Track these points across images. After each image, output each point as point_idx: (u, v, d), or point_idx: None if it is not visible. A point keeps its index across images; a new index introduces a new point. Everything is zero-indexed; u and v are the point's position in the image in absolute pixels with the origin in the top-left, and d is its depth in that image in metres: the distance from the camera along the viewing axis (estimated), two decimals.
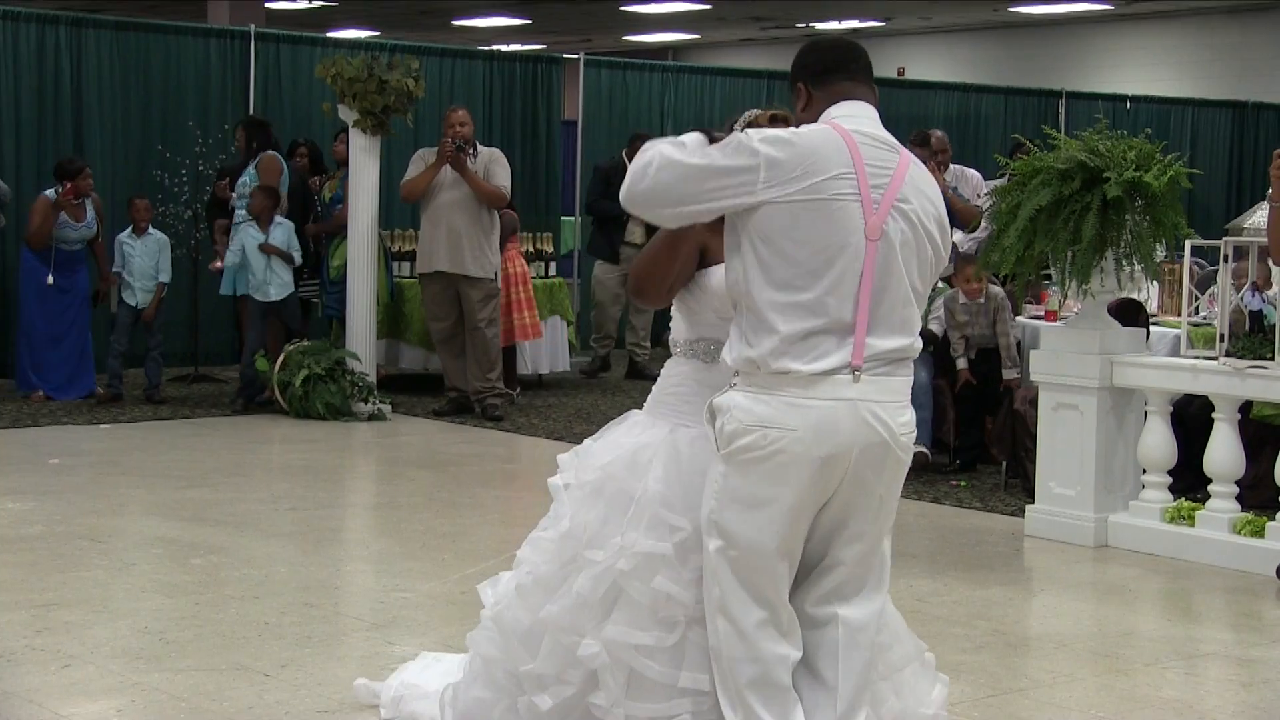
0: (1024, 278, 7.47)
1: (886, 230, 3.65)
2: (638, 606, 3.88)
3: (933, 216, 3.78)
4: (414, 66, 10.96)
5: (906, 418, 3.74)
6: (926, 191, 3.77)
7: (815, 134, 3.67)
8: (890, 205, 3.66)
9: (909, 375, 3.76)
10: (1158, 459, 7.30)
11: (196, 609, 5.94)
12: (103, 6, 19.53)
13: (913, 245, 3.71)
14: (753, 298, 3.63)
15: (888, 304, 3.67)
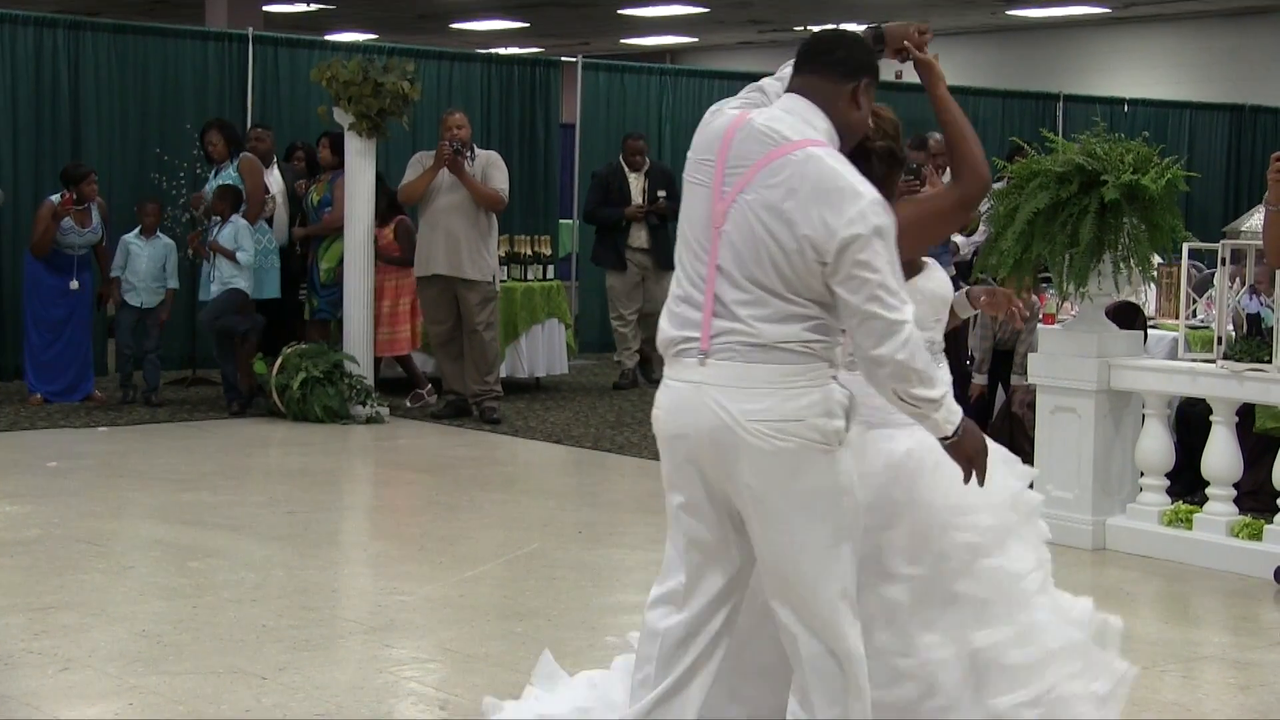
0: (1021, 281, 7.47)
1: (730, 219, 3.71)
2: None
3: (783, 213, 3.65)
4: (409, 69, 10.96)
5: (757, 406, 3.67)
6: (790, 185, 3.65)
7: (720, 119, 3.83)
8: (736, 196, 3.71)
9: (774, 364, 3.68)
10: (1155, 462, 7.30)
11: (194, 612, 5.93)
12: (101, 9, 19.55)
13: (754, 239, 3.68)
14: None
15: (741, 293, 3.70)
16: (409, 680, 5.19)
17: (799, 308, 3.69)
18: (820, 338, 3.71)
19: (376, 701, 4.97)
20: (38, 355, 11.08)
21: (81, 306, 11.15)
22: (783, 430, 3.68)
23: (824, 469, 3.71)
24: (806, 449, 3.68)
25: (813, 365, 3.70)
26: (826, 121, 3.80)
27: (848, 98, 3.85)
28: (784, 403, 3.67)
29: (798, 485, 3.70)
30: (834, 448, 3.71)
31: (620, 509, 8.11)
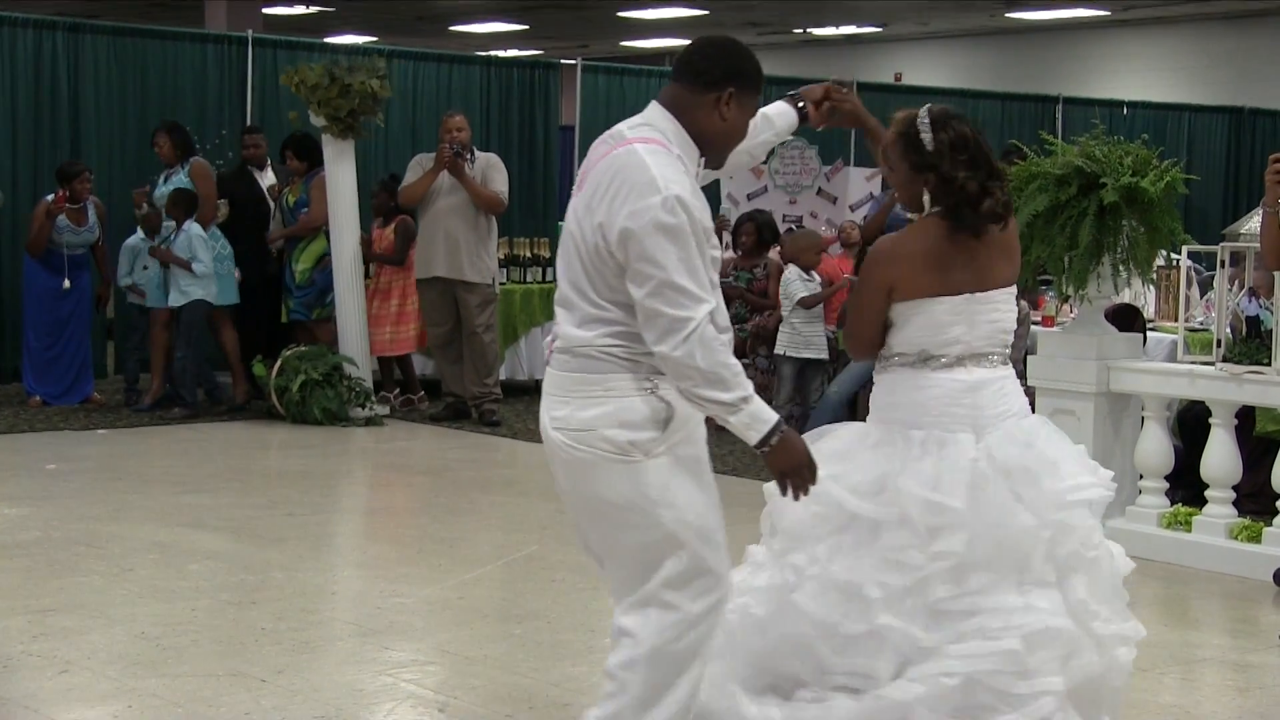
0: (1021, 283, 7.46)
1: (567, 219, 3.78)
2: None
3: (590, 207, 3.65)
4: (379, 67, 10.93)
5: (560, 412, 3.71)
6: (608, 184, 3.64)
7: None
8: (575, 194, 3.77)
9: (579, 371, 3.69)
10: (1155, 464, 7.30)
11: (193, 614, 5.93)
12: (100, 12, 19.54)
13: (572, 239, 3.72)
14: None
15: (568, 295, 3.74)
16: (408, 683, 5.19)
17: (602, 311, 3.68)
18: (621, 344, 3.67)
19: (375, 704, 4.96)
20: (36, 357, 11.08)
21: (81, 308, 11.14)
22: (577, 440, 3.70)
23: (619, 480, 3.68)
24: (602, 460, 3.68)
25: (613, 375, 3.67)
26: (677, 128, 3.74)
27: (708, 107, 3.74)
28: (577, 411, 3.69)
29: (597, 495, 3.72)
30: (634, 460, 3.67)
31: None
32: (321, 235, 11.13)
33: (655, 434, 3.68)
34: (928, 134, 4.17)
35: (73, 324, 11.07)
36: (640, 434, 3.67)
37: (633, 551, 3.74)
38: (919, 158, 4.18)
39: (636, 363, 3.68)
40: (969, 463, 4.11)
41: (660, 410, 3.69)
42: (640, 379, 3.68)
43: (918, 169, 4.20)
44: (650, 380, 3.69)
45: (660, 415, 3.68)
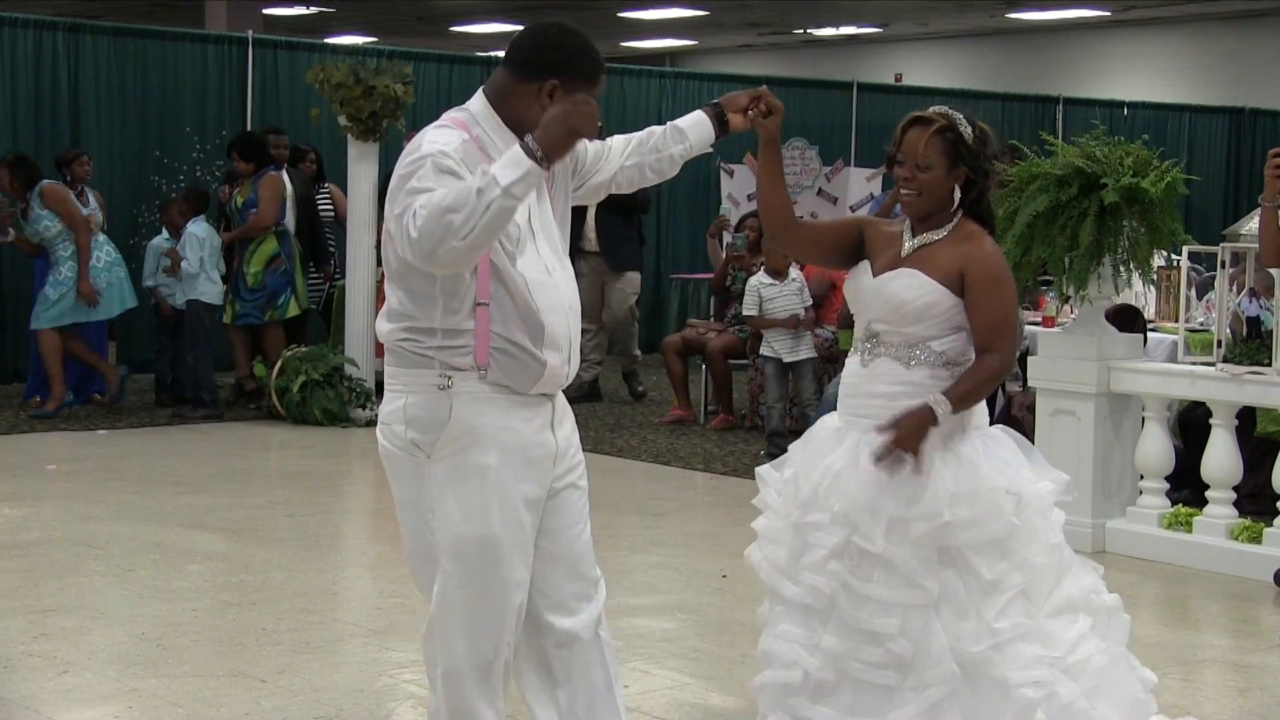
0: (1021, 284, 7.47)
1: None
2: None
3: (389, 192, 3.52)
4: (405, 72, 10.94)
5: (388, 407, 3.67)
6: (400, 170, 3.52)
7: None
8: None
9: (392, 364, 3.65)
10: (1155, 465, 7.30)
11: (194, 615, 5.93)
12: (100, 12, 19.53)
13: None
14: None
15: (387, 287, 3.69)
16: (409, 683, 5.18)
17: (399, 304, 3.61)
18: (411, 338, 3.59)
19: (376, 704, 4.96)
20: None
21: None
22: (380, 432, 3.72)
23: (408, 478, 3.69)
24: (394, 454, 3.69)
25: (409, 369, 3.60)
26: (491, 114, 3.60)
27: (529, 98, 3.56)
28: (385, 404, 3.69)
29: (393, 488, 3.76)
30: (418, 459, 3.61)
31: (619, 512, 8.10)
32: (271, 236, 10.94)
33: (435, 435, 3.58)
34: (967, 129, 4.16)
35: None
36: (423, 433, 3.59)
37: (419, 555, 3.74)
38: (961, 149, 4.14)
39: (428, 358, 3.58)
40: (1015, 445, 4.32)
41: (442, 410, 3.56)
42: (434, 375, 3.58)
43: (957, 161, 4.15)
44: (445, 377, 3.57)
45: (442, 416, 3.57)
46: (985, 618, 4.00)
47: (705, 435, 10.56)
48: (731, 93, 3.99)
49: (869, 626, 4.01)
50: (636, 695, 5.04)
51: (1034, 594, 4.07)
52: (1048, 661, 4.01)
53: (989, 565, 4.03)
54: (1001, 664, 3.98)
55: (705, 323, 11.42)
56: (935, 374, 4.14)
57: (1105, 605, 4.20)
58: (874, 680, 4.03)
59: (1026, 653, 4.00)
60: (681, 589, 6.53)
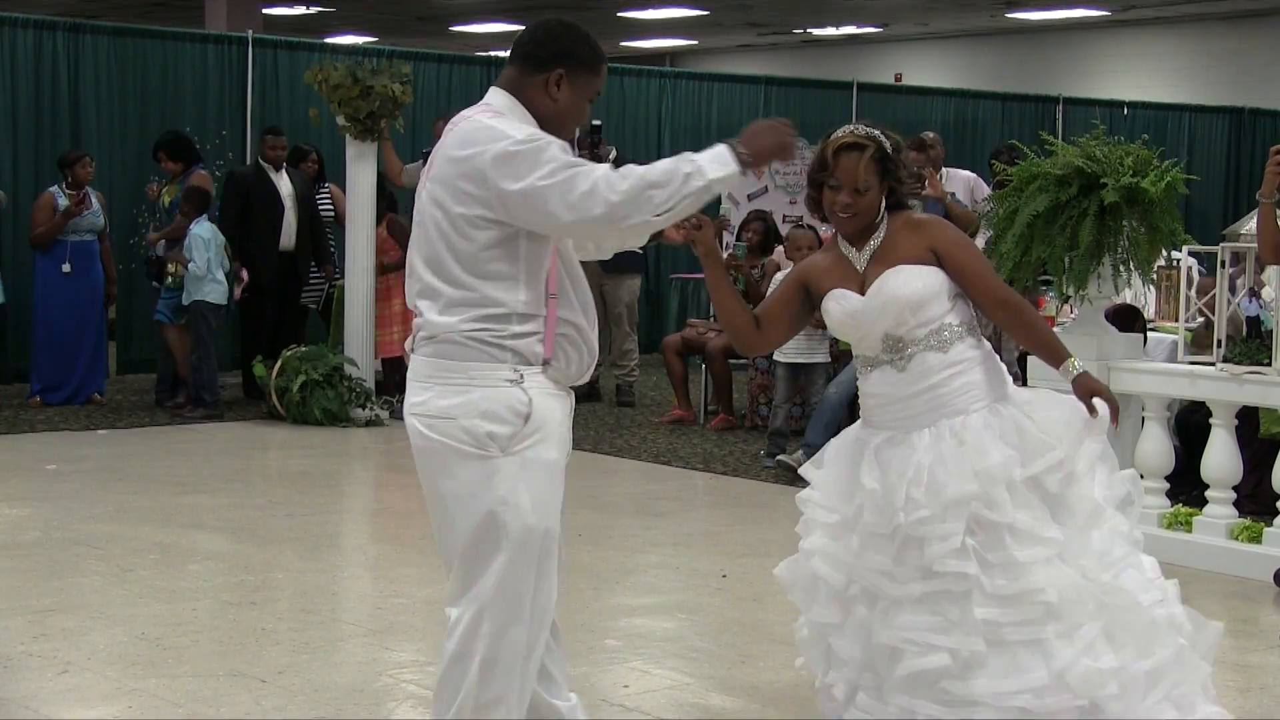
0: (1021, 283, 7.47)
1: (418, 206, 3.76)
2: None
3: (445, 179, 3.65)
4: (404, 72, 10.93)
5: (419, 398, 3.70)
6: (451, 154, 3.66)
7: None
8: (424, 183, 3.77)
9: (435, 357, 3.67)
10: (1155, 465, 7.30)
11: (194, 615, 5.93)
12: (100, 12, 19.54)
13: (430, 224, 3.69)
14: None
15: (417, 282, 3.73)
16: (409, 683, 5.18)
17: (466, 293, 3.63)
18: (485, 327, 3.63)
19: (376, 704, 4.96)
20: (44, 355, 11.06)
21: (91, 304, 11.14)
22: (431, 427, 3.66)
23: (469, 472, 3.64)
24: (454, 451, 3.64)
25: (477, 363, 3.62)
26: (514, 104, 3.76)
27: (539, 88, 3.75)
28: (437, 399, 3.65)
29: (443, 487, 3.69)
30: (489, 454, 3.62)
31: (620, 512, 8.11)
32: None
33: (514, 429, 3.62)
34: (887, 142, 4.32)
35: (85, 317, 11.06)
36: (501, 427, 3.61)
37: (469, 547, 3.68)
38: (889, 166, 4.31)
39: (503, 349, 3.63)
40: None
41: (522, 405, 3.62)
42: (506, 369, 3.63)
43: (886, 175, 4.32)
44: (516, 372, 3.64)
45: (521, 410, 3.62)
46: (1097, 550, 4.16)
47: (705, 435, 10.56)
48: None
49: (1013, 590, 4.08)
50: (636, 695, 5.04)
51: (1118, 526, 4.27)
52: (1155, 582, 4.22)
53: (1080, 500, 4.22)
54: (1130, 589, 4.13)
55: (705, 323, 11.42)
56: (967, 343, 4.31)
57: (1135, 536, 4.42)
58: (1028, 638, 4.09)
59: (1137, 573, 4.20)
60: (681, 589, 6.53)
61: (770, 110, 16.26)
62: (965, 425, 4.21)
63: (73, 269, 10.95)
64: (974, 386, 4.28)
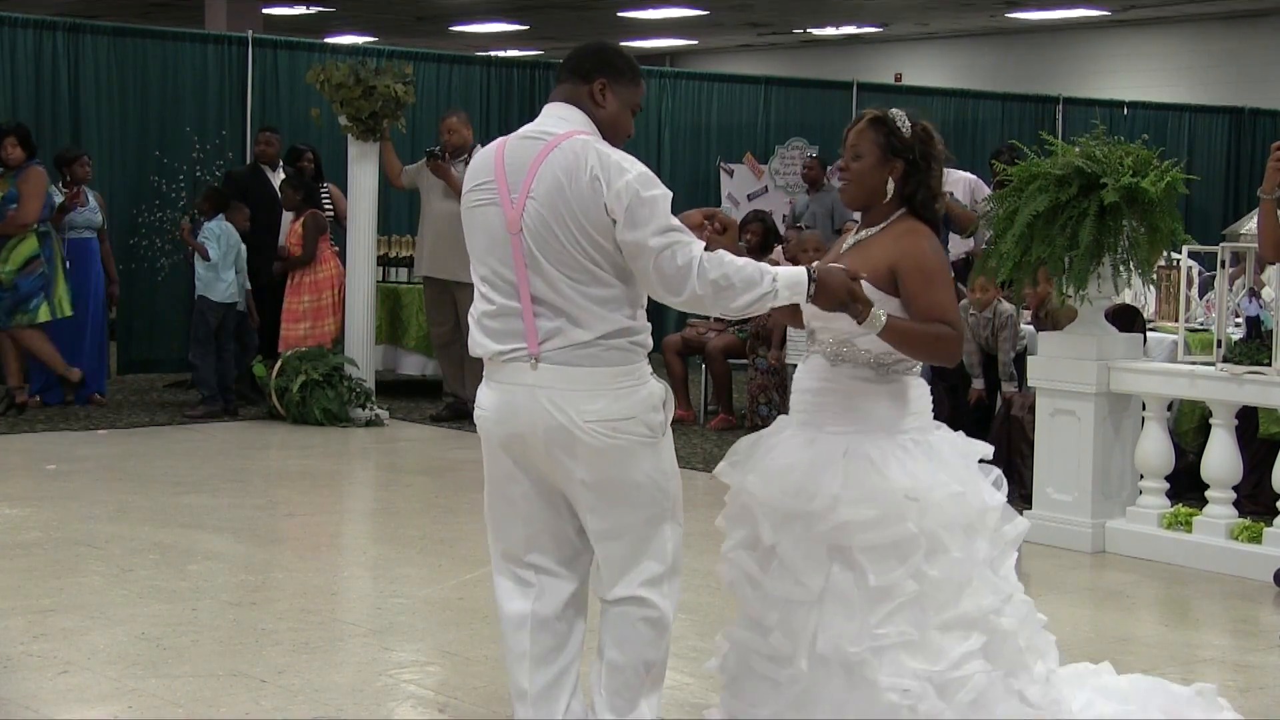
0: (1021, 283, 7.47)
1: (525, 222, 3.93)
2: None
3: (574, 195, 3.87)
4: (406, 72, 10.93)
5: (594, 406, 3.90)
6: (570, 169, 3.88)
7: (480, 154, 4.13)
8: (525, 197, 3.93)
9: (604, 365, 3.91)
10: (1155, 465, 7.30)
11: (193, 615, 5.93)
12: (100, 12, 19.54)
13: (555, 229, 3.90)
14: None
15: (557, 292, 3.92)
16: (408, 683, 5.19)
17: (606, 306, 3.91)
18: (631, 333, 3.95)
19: (376, 704, 4.96)
20: None
21: (92, 304, 11.14)
22: (617, 429, 3.92)
23: (645, 459, 3.98)
24: (637, 444, 3.96)
25: (635, 364, 3.96)
26: (582, 116, 4.05)
27: (588, 98, 4.06)
28: (614, 403, 3.92)
29: (627, 479, 3.97)
30: (658, 440, 3.99)
31: None
32: (31, 235, 10.57)
33: (667, 414, 4.02)
34: (904, 123, 4.24)
35: (82, 319, 11.06)
36: (661, 415, 3.99)
37: (642, 525, 4.01)
38: (894, 141, 4.22)
39: (642, 348, 3.98)
40: (959, 457, 4.21)
41: (664, 391, 4.02)
42: (643, 365, 3.99)
43: (890, 153, 4.22)
44: (649, 364, 4.01)
45: (666, 396, 4.02)
46: (868, 621, 4.02)
47: (705, 435, 10.56)
48: (687, 210, 4.26)
49: (758, 617, 4.17)
50: None
51: (927, 605, 4.03)
52: (925, 675, 3.99)
53: (880, 570, 4.02)
54: (876, 668, 4.00)
55: (705, 323, 11.42)
56: (858, 372, 4.19)
57: (1002, 628, 4.12)
58: (765, 673, 4.18)
59: (905, 662, 4.00)
60: (681, 589, 6.52)
61: (770, 110, 16.26)
62: (802, 435, 4.21)
63: (72, 266, 10.94)
64: (840, 410, 4.20)
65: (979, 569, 4.10)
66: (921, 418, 4.23)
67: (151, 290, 12.39)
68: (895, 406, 4.19)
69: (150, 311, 12.50)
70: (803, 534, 4.10)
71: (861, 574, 4.04)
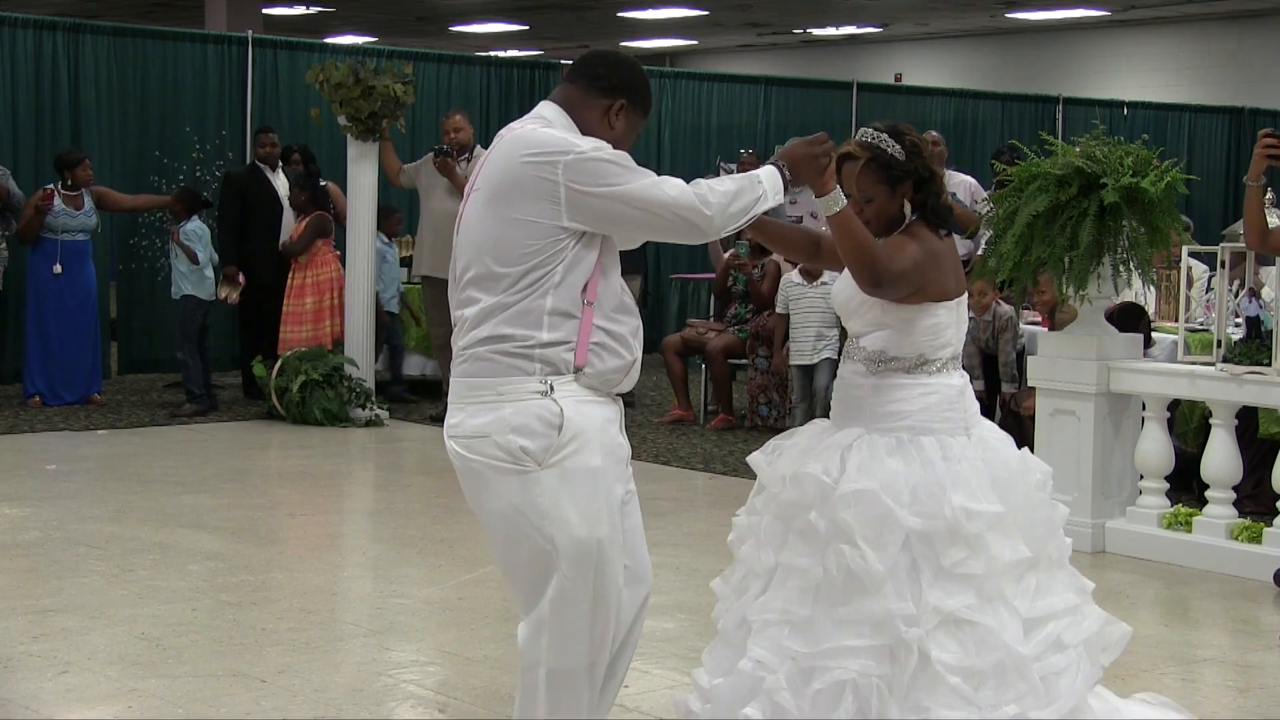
0: (1021, 283, 7.47)
1: (464, 230, 3.75)
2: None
3: (498, 184, 3.63)
4: (405, 72, 10.93)
5: (455, 418, 3.66)
6: (501, 162, 3.65)
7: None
8: (470, 193, 3.76)
9: (473, 375, 3.63)
10: (1155, 465, 7.30)
11: (194, 615, 5.93)
12: (100, 12, 19.54)
13: (475, 237, 3.69)
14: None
15: (460, 294, 3.71)
16: (408, 683, 5.19)
17: (501, 299, 3.61)
18: (513, 338, 3.59)
19: (376, 704, 4.96)
20: (38, 354, 11.06)
21: (85, 304, 11.14)
22: (469, 448, 3.63)
23: (510, 489, 3.60)
24: (492, 469, 3.61)
25: (506, 378, 3.59)
26: (570, 123, 3.74)
27: (600, 112, 3.76)
28: (470, 418, 3.63)
29: (487, 506, 3.66)
30: (527, 469, 3.58)
31: None
32: None
33: (549, 441, 3.58)
34: (893, 146, 4.12)
35: (80, 317, 11.07)
36: (535, 440, 3.57)
37: (525, 564, 3.66)
38: (895, 171, 4.12)
39: (530, 360, 3.59)
40: (981, 464, 4.08)
41: (554, 415, 3.58)
42: (535, 380, 3.59)
43: (897, 182, 4.13)
44: (545, 382, 3.59)
45: (554, 421, 3.58)
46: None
47: (705, 435, 10.57)
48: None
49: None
50: (636, 695, 5.04)
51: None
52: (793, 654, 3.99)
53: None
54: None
55: (705, 323, 11.42)
56: (855, 369, 4.17)
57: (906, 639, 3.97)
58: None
59: (783, 640, 4.00)
60: (681, 589, 6.53)
61: (770, 110, 16.27)
62: (869, 443, 4.08)
63: (64, 269, 10.95)
64: (841, 405, 4.19)
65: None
66: (974, 407, 4.28)
67: (151, 290, 12.39)
68: (947, 402, 4.19)
69: (150, 311, 12.51)
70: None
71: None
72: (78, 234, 11.07)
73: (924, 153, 4.18)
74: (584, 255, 3.63)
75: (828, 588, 3.99)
